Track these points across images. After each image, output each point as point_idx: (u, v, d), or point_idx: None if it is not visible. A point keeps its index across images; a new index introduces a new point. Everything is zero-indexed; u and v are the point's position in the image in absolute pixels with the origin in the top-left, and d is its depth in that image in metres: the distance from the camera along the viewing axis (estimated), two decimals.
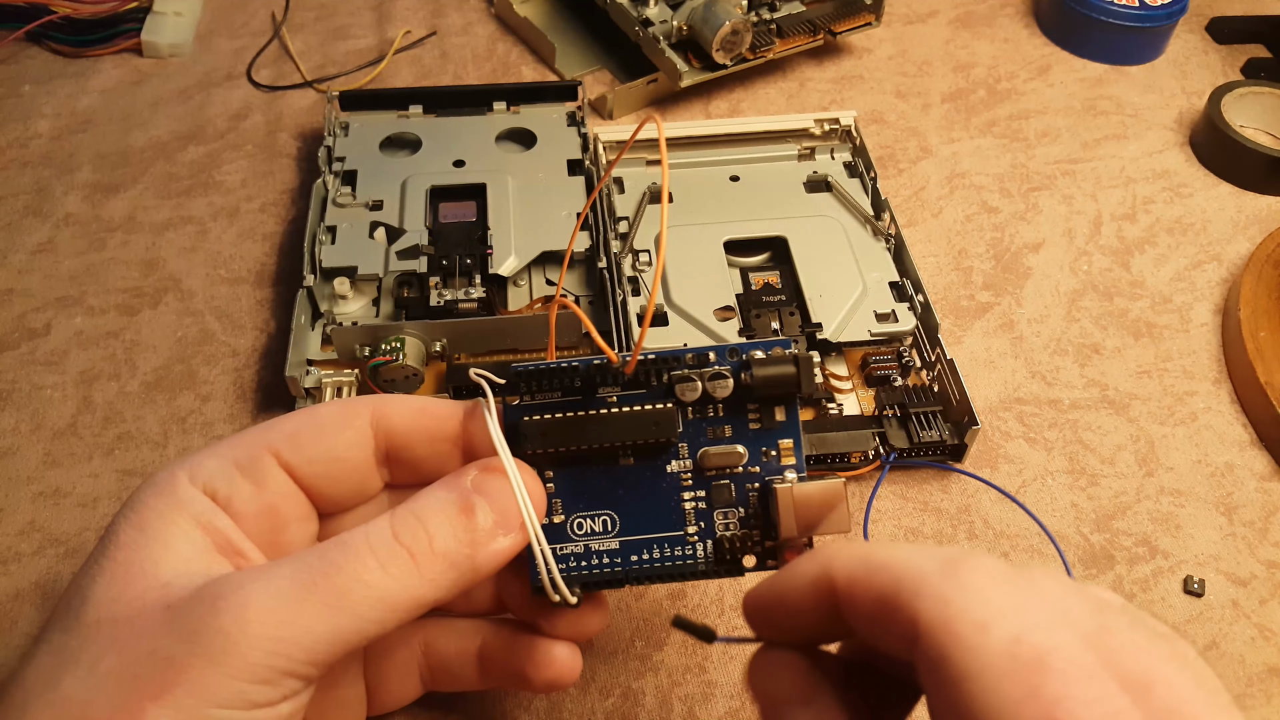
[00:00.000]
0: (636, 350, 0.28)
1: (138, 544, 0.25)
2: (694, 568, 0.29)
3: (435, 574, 0.25)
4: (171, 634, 0.23)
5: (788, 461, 0.29)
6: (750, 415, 0.29)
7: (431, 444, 0.29)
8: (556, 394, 0.29)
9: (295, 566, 0.24)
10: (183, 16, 0.65)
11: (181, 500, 0.25)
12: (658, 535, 0.29)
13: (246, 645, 0.22)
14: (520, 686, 0.34)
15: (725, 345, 0.29)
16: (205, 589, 0.23)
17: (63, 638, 0.24)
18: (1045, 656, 0.17)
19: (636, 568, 0.29)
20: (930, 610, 0.19)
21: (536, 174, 0.51)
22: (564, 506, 0.29)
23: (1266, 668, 0.37)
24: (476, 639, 0.31)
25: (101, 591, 0.24)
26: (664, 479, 0.29)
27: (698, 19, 0.57)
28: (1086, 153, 0.60)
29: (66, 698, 0.22)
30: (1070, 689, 0.17)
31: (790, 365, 0.28)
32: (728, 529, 0.29)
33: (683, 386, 0.28)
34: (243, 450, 0.27)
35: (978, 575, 0.20)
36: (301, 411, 0.28)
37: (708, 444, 0.29)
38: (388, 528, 0.25)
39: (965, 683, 0.18)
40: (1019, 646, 0.18)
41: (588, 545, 0.29)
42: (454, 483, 0.27)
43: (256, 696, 0.23)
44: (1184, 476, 0.44)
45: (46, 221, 0.53)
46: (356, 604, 0.24)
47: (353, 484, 0.29)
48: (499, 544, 0.26)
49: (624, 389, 0.29)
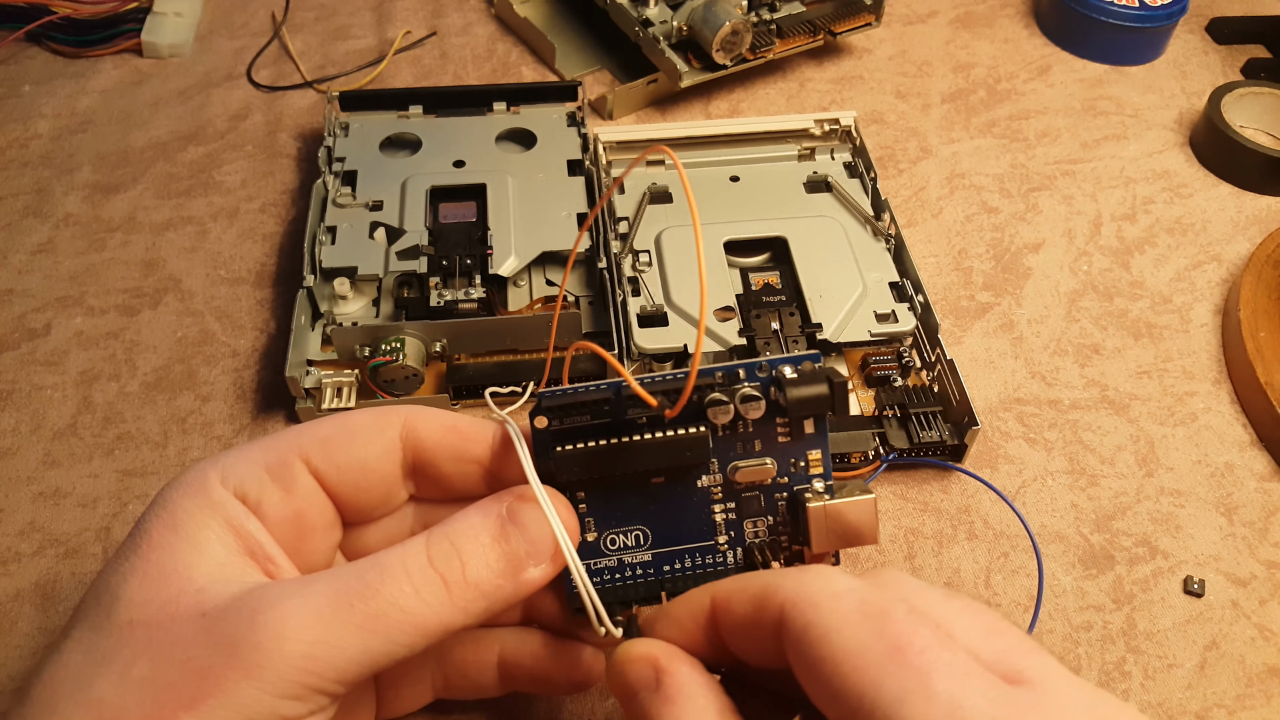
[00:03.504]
0: (684, 398, 0.27)
1: (171, 545, 0.25)
2: (725, 574, 0.29)
3: (467, 602, 0.25)
4: (206, 644, 0.23)
5: (815, 472, 0.30)
6: (779, 429, 0.29)
7: (458, 463, 0.29)
8: (586, 417, 0.28)
9: (333, 585, 0.24)
10: (183, 17, 0.65)
11: (214, 502, 0.25)
12: (689, 546, 0.30)
13: (282, 661, 0.22)
14: (544, 690, 0.34)
15: (754, 362, 0.28)
16: (243, 600, 0.23)
17: (93, 637, 0.24)
18: (888, 610, 0.22)
19: (670, 577, 0.30)
20: (791, 590, 0.23)
21: (536, 174, 0.51)
22: (596, 525, 0.29)
23: (1266, 668, 0.37)
24: (495, 647, 0.31)
25: (134, 592, 0.24)
26: (694, 494, 0.29)
27: (698, 19, 0.57)
28: (1086, 153, 0.60)
29: (99, 701, 0.22)
30: (908, 628, 0.21)
31: (824, 385, 0.28)
32: (757, 536, 0.30)
33: (715, 410, 0.28)
34: (273, 454, 0.27)
35: (828, 569, 0.25)
36: (333, 418, 0.28)
37: (737, 459, 0.29)
38: (423, 552, 0.25)
39: (825, 637, 0.22)
40: (866, 605, 0.22)
41: (621, 559, 0.29)
42: (489, 509, 0.27)
43: (286, 711, 0.23)
44: (1184, 477, 0.44)
45: (46, 221, 0.53)
46: (389, 627, 0.24)
47: (379, 494, 0.29)
48: (531, 574, 0.26)
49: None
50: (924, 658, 0.21)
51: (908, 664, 0.20)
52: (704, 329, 0.33)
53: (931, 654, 0.21)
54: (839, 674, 0.21)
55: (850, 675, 0.21)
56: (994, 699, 0.20)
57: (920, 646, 0.21)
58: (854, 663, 0.21)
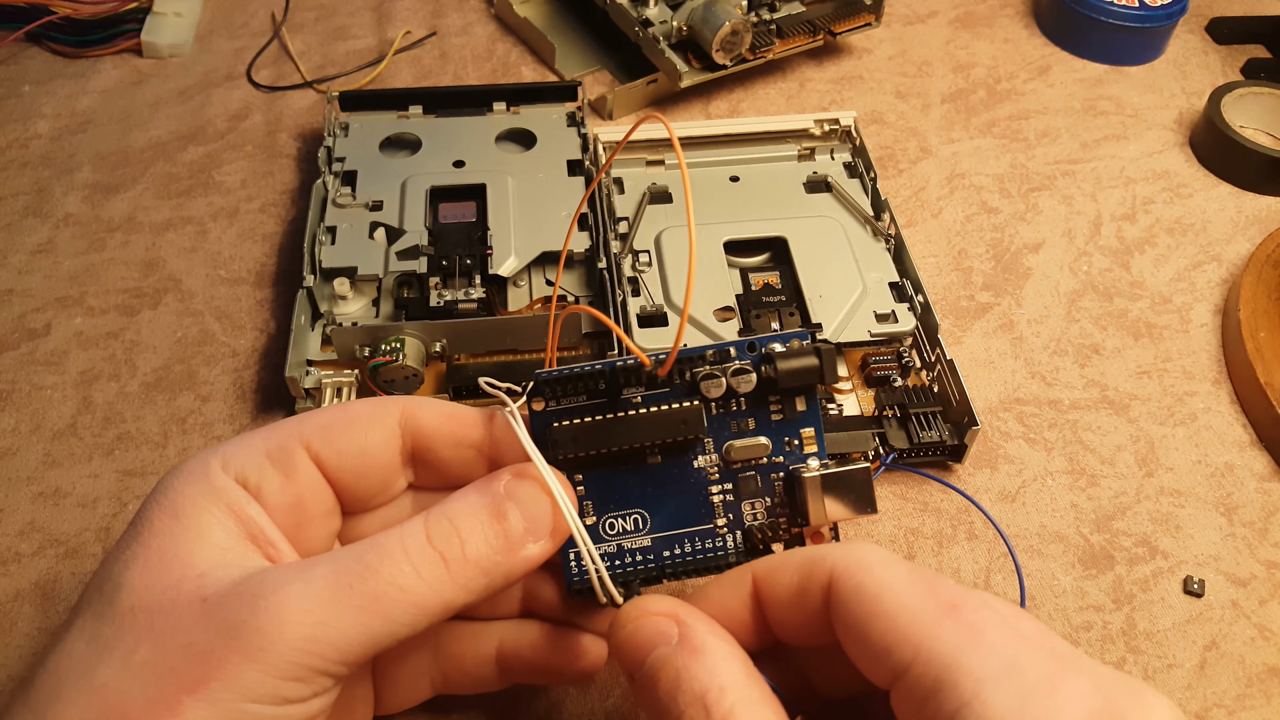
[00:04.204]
0: (673, 354, 0.28)
1: (172, 531, 0.25)
2: (725, 559, 0.30)
3: (466, 579, 0.25)
4: (208, 628, 0.23)
5: (810, 450, 0.30)
6: (772, 407, 0.30)
7: (456, 448, 0.29)
8: (582, 397, 0.29)
9: (332, 568, 0.24)
10: (183, 17, 0.65)
11: (215, 488, 0.26)
12: (688, 530, 0.30)
13: (283, 644, 0.23)
14: (546, 681, 0.34)
15: (744, 340, 0.29)
16: (243, 585, 0.24)
17: (96, 624, 0.24)
18: (937, 577, 0.24)
19: (670, 563, 0.30)
20: (840, 557, 0.25)
21: (536, 174, 0.51)
22: (595, 508, 0.30)
23: (1266, 668, 0.37)
24: (494, 640, 0.31)
25: (136, 579, 0.24)
26: (691, 474, 0.30)
27: (698, 19, 0.57)
28: (1086, 153, 0.60)
29: (101, 686, 0.23)
30: (960, 591, 0.23)
31: (813, 357, 0.29)
32: (755, 518, 0.30)
33: (707, 383, 0.29)
34: (274, 441, 0.27)
35: (873, 544, 0.26)
36: (334, 407, 0.29)
37: (732, 437, 0.30)
38: (422, 531, 0.25)
39: (879, 595, 0.23)
40: (915, 570, 0.24)
41: (620, 544, 0.30)
42: (486, 487, 0.27)
43: (290, 693, 0.23)
44: (1184, 477, 0.44)
45: (46, 222, 0.53)
46: (390, 607, 0.24)
47: (379, 481, 0.29)
48: (529, 551, 0.26)
49: (648, 389, 0.29)
50: (978, 615, 0.22)
51: (963, 620, 0.22)
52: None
53: (985, 613, 0.22)
54: (894, 628, 0.22)
55: (906, 628, 0.22)
56: (1045, 658, 0.21)
57: (974, 605, 0.22)
58: (909, 616, 0.22)
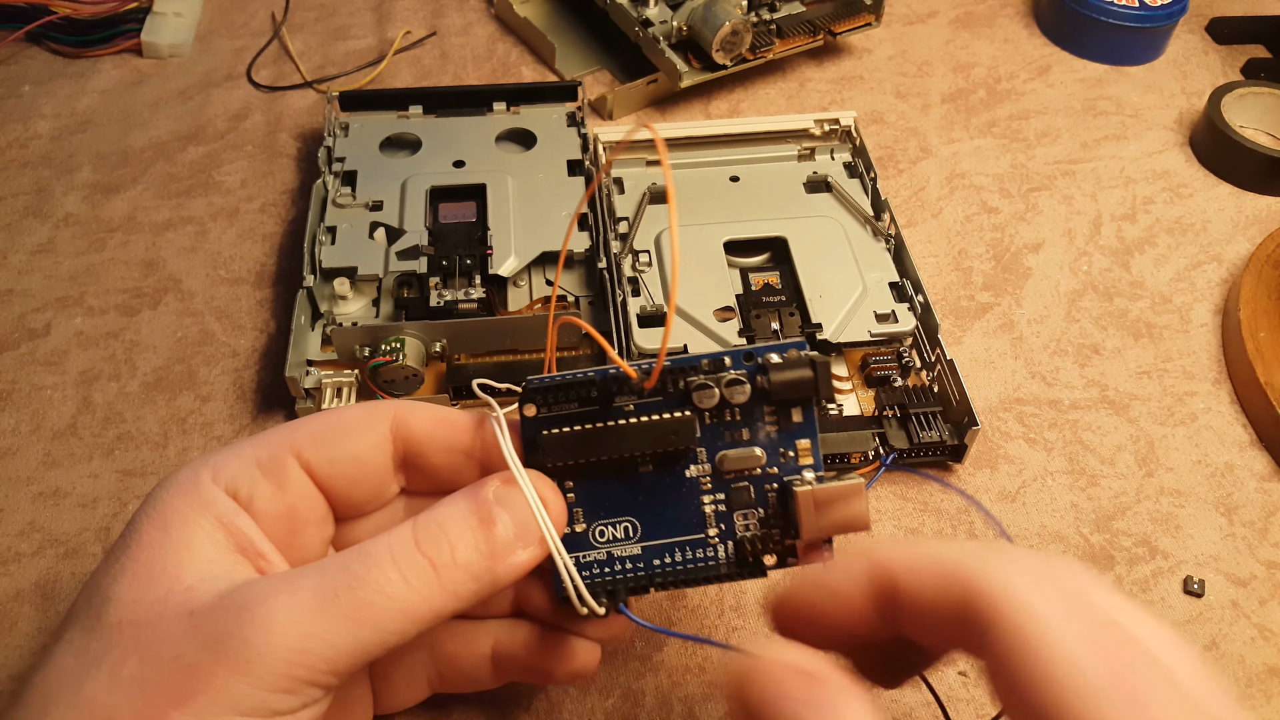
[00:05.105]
0: (658, 368, 0.27)
1: (160, 544, 0.25)
2: (716, 570, 0.29)
3: (456, 585, 0.25)
4: (195, 641, 0.23)
5: (805, 462, 0.29)
6: (767, 418, 0.29)
7: (448, 454, 0.29)
8: (573, 405, 0.28)
9: (319, 578, 0.24)
10: (183, 17, 0.65)
11: (204, 500, 0.25)
12: (679, 539, 0.29)
13: (270, 656, 0.22)
14: (540, 680, 0.34)
15: (740, 350, 0.29)
16: (230, 597, 0.23)
17: (84, 638, 0.24)
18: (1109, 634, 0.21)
19: (659, 572, 0.29)
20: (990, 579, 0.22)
21: (536, 174, 0.51)
22: (585, 515, 0.29)
23: (1266, 668, 0.37)
24: (489, 640, 0.31)
25: (124, 592, 0.24)
26: (683, 484, 0.29)
27: (698, 19, 0.57)
28: (1086, 153, 0.60)
29: (89, 701, 0.22)
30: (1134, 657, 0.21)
31: (807, 369, 0.28)
32: (748, 530, 0.29)
33: (700, 394, 0.28)
34: (265, 450, 0.27)
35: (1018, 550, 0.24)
36: (325, 413, 0.29)
37: (725, 448, 0.29)
38: (410, 537, 0.25)
39: (1043, 652, 0.21)
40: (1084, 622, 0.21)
41: (610, 552, 0.29)
42: (475, 493, 0.27)
43: (278, 705, 0.23)
44: (1184, 477, 0.44)
45: (46, 222, 0.53)
46: (378, 616, 0.24)
47: (371, 487, 0.29)
48: (518, 557, 0.26)
49: (640, 398, 0.29)
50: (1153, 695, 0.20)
51: (1138, 701, 0.20)
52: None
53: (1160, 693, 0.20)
54: (1059, 697, 0.21)
55: (1072, 703, 0.20)
56: None
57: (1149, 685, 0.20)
58: (1077, 687, 0.21)
